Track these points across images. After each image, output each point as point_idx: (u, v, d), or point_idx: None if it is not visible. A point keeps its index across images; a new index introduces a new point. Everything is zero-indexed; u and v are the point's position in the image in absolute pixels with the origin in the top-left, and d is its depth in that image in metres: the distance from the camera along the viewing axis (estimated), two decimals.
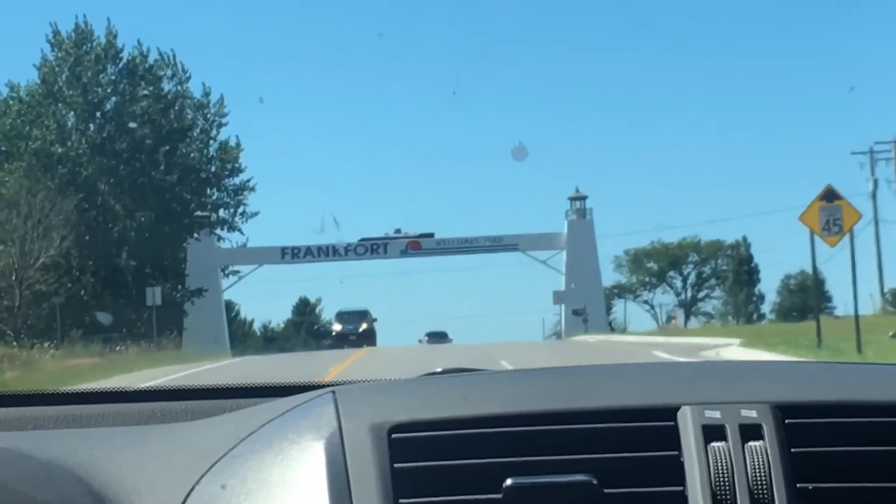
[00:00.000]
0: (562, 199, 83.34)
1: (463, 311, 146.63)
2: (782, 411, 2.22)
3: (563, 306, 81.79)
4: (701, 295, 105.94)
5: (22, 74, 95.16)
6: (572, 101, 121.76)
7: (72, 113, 72.44)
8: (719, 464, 2.14)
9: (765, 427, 2.18)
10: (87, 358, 45.96)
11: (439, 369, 2.85)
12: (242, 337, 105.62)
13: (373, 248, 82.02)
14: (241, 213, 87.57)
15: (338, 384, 2.67)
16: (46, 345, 50.02)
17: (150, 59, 75.01)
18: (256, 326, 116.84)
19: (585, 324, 74.64)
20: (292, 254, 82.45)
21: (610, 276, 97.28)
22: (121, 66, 73.39)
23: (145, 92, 73.45)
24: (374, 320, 79.22)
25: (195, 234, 78.13)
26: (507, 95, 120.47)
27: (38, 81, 72.73)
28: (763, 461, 2.14)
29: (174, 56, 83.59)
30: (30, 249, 62.08)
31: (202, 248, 78.41)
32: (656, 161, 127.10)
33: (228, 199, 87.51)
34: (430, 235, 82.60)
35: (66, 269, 69.58)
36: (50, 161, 70.41)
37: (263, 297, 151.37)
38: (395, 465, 2.16)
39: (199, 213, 78.29)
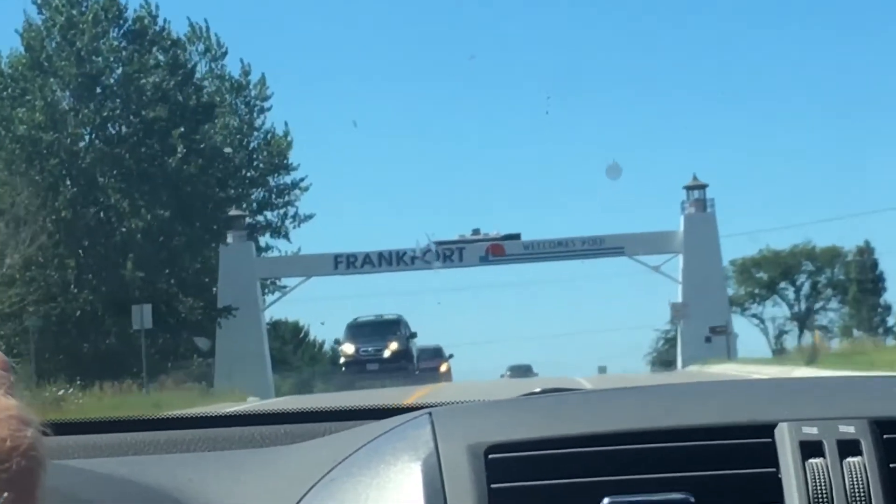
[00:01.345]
0: (676, 191, 67.58)
1: (551, 330, 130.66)
2: (880, 427, 2.19)
3: (680, 323, 66.40)
4: (816, 307, 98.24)
5: (2, 42, 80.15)
6: (681, 89, 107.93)
7: (65, 90, 58.11)
8: (817, 480, 2.14)
9: (863, 443, 2.16)
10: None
11: (538, 389, 2.83)
12: (310, 361, 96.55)
13: (445, 254, 67.04)
14: (293, 217, 74.33)
15: (434, 406, 2.65)
16: None
17: (165, 24, 60.48)
18: (327, 348, 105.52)
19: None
20: (347, 262, 67.55)
21: None
22: (125, 28, 58.88)
23: (157, 61, 58.89)
24: (412, 337, 60.16)
25: (226, 239, 63.86)
26: (606, 81, 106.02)
27: (23, 50, 58.55)
28: (861, 477, 2.13)
29: (207, 28, 70.28)
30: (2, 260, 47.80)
31: (237, 256, 64.16)
32: (768, 155, 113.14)
33: (276, 199, 73.99)
34: (517, 237, 67.54)
35: (58, 284, 55.34)
36: (37, 149, 56.17)
37: (337, 315, 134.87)
38: (492, 486, 2.16)
39: (231, 211, 64.14)
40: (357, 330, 59.00)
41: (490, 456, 2.19)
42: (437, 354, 65.73)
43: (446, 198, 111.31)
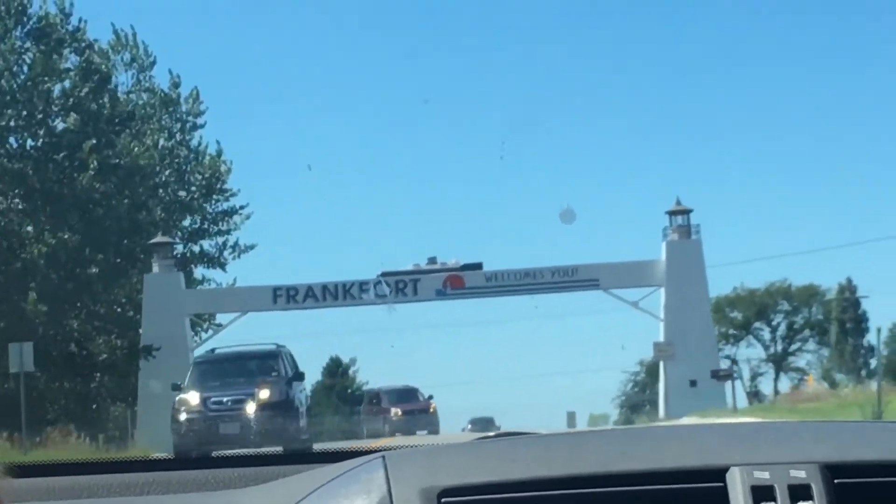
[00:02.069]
0: (657, 217, 60.56)
1: (518, 372, 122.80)
2: (831, 471, 2.23)
3: (662, 365, 59.38)
4: (792, 348, 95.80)
5: None
6: (659, 114, 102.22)
7: None
8: None
9: (814, 487, 2.21)
10: None
11: (492, 433, 2.84)
12: None
13: (398, 286, 59.82)
14: (232, 247, 67.42)
15: (388, 449, 2.62)
16: None
17: (80, 23, 53.18)
18: None
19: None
20: (288, 296, 60.26)
21: None
22: (31, 26, 51.55)
23: (68, 64, 51.57)
24: (297, 380, 36.41)
25: (152, 268, 56.81)
26: (578, 105, 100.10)
27: None
28: None
29: (134, 35, 63.46)
30: None
31: (163, 288, 57.11)
32: (749, 186, 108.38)
33: (211, 227, 66.96)
34: (478, 267, 60.30)
35: None
36: None
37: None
38: None
39: (157, 238, 57.09)
40: (207, 369, 36.29)
41: (443, 500, 2.20)
42: (412, 396, 58.27)
43: (399, 225, 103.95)
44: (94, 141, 49.65)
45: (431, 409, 56.28)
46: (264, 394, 33.78)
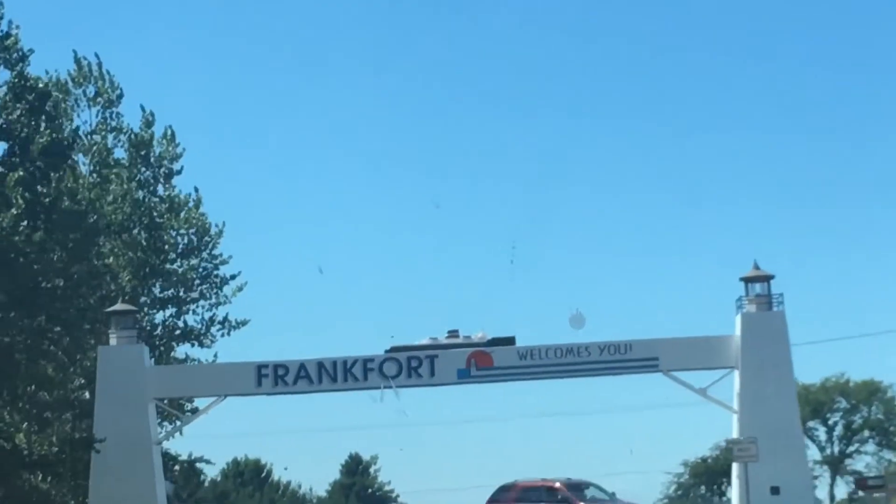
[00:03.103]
0: (730, 286, 49.78)
1: (558, 473, 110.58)
2: None
3: (736, 468, 48.17)
4: (850, 450, 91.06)
5: None
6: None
7: None
8: None
9: None
10: None
11: None
12: None
13: (410, 364, 48.97)
14: (221, 322, 57.52)
15: None
16: None
17: (11, 28, 42.93)
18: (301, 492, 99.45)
19: None
20: (275, 377, 49.36)
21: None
22: None
23: None
24: None
25: (110, 338, 47.24)
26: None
27: None
28: None
29: (100, 66, 54.21)
30: None
31: (121, 366, 47.78)
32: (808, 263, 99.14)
33: (186, 295, 56.80)
34: (510, 341, 49.37)
35: None
36: None
37: (304, 453, 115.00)
38: None
39: (117, 305, 47.33)
40: None
41: None
42: (598, 492, 43.76)
43: (413, 292, 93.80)
44: (22, 173, 38.78)
45: None
46: None
